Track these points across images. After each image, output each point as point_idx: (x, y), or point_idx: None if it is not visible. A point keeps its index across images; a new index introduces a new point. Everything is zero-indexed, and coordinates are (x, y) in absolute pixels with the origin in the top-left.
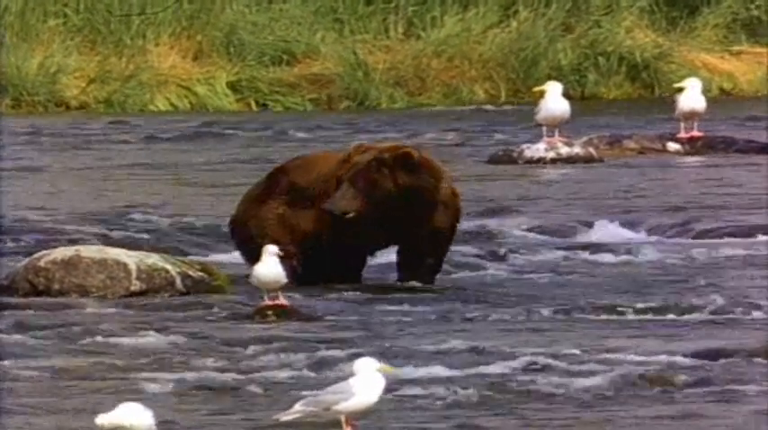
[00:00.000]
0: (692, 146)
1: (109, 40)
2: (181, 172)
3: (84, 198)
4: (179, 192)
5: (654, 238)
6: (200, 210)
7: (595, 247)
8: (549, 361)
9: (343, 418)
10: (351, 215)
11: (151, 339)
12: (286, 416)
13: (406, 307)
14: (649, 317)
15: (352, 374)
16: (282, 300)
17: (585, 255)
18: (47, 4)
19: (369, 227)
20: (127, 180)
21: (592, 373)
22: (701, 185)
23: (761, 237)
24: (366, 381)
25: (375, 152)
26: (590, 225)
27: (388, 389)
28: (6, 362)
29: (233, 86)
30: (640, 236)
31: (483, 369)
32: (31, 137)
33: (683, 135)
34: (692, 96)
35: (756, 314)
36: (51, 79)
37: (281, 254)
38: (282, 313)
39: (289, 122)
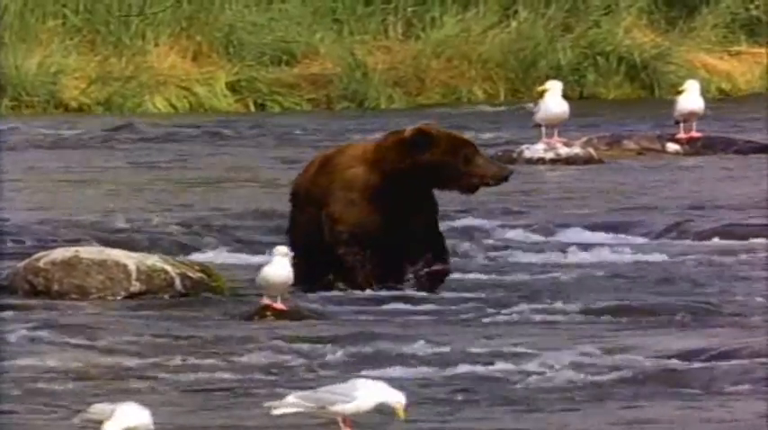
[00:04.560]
0: (692, 146)
1: (108, 41)
2: (180, 172)
3: (84, 199)
4: (179, 192)
5: (652, 239)
6: (200, 210)
7: (594, 248)
8: (547, 361)
9: (340, 419)
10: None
11: (150, 340)
12: (280, 409)
13: (404, 307)
14: (647, 317)
15: (351, 374)
16: (280, 304)
17: (584, 255)
18: (46, 5)
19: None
20: (127, 181)
21: (591, 374)
22: (700, 186)
23: (760, 237)
24: (369, 388)
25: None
26: (589, 225)
27: None
28: (5, 363)
29: (232, 87)
30: (639, 236)
31: (481, 369)
32: (31, 137)
33: (682, 135)
34: (690, 97)
35: (756, 314)
36: (51, 80)
37: (288, 254)
38: (281, 314)
39: (288, 123)
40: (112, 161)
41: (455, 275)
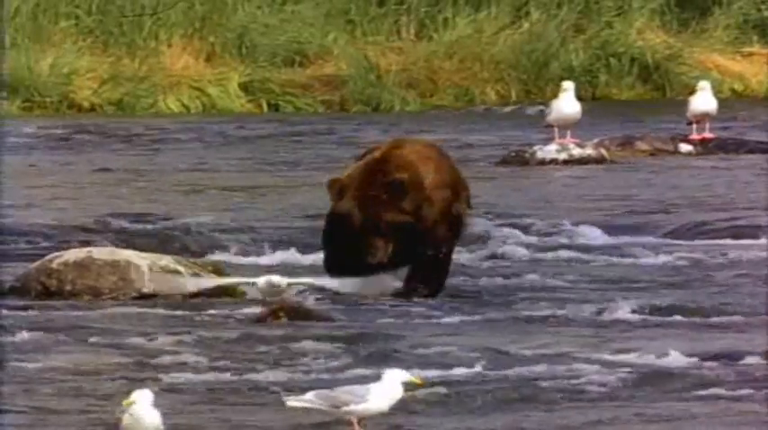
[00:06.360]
0: (704, 147)
1: (121, 42)
2: (194, 173)
3: (97, 200)
4: (191, 193)
5: (665, 239)
6: (213, 211)
7: (604, 248)
8: (551, 361)
9: (354, 420)
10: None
11: (162, 340)
12: (296, 402)
13: (413, 309)
14: (652, 317)
15: (364, 376)
16: (292, 303)
17: (595, 255)
18: (58, 6)
19: None
20: (139, 181)
21: (592, 374)
22: (712, 186)
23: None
24: (383, 390)
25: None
26: (601, 226)
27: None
28: (18, 364)
29: (245, 87)
30: (651, 237)
31: (485, 370)
32: (43, 138)
33: (694, 136)
34: (703, 98)
35: (757, 314)
36: (63, 80)
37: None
38: (293, 315)
39: (300, 124)
40: (124, 162)
41: (467, 276)
